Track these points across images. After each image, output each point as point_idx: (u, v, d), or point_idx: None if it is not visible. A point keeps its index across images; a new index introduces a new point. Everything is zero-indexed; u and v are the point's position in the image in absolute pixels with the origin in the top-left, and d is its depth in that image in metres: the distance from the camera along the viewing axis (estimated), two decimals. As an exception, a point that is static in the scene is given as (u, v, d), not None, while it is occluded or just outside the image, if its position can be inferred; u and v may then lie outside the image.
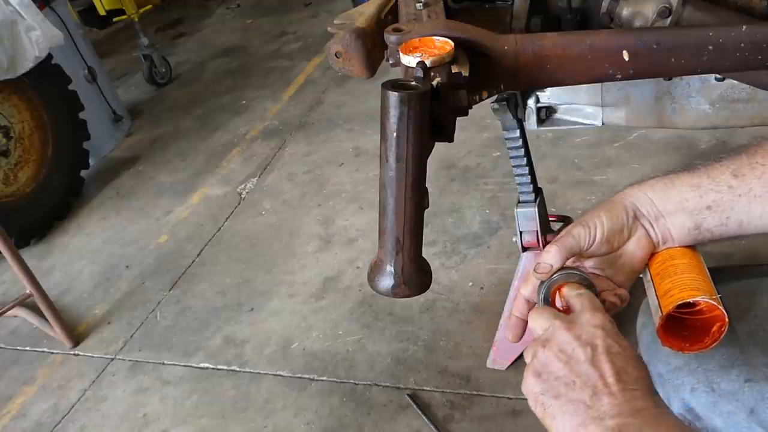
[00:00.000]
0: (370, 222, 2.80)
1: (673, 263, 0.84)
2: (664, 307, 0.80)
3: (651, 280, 0.85)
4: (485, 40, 0.95)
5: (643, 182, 0.88)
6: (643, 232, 0.87)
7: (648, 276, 0.87)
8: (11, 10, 3.05)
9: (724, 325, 0.79)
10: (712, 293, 0.79)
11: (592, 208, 0.89)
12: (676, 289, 0.80)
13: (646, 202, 0.86)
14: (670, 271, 0.83)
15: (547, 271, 0.85)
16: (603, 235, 0.85)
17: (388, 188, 0.84)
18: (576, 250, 0.86)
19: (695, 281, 0.81)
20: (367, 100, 3.79)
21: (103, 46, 5.93)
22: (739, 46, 0.89)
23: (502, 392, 1.90)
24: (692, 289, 0.79)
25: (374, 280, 0.91)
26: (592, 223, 0.86)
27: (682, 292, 0.79)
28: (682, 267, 0.83)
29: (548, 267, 0.85)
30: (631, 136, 2.79)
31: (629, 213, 0.86)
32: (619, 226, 0.86)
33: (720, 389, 0.85)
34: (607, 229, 0.85)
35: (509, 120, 1.62)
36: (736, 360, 0.86)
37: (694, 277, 0.81)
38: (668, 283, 0.82)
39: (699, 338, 0.81)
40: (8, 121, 3.33)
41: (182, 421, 2.16)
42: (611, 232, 0.86)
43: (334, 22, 1.04)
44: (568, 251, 0.85)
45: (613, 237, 0.86)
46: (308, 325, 2.38)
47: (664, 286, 0.82)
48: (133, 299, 2.79)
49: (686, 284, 0.80)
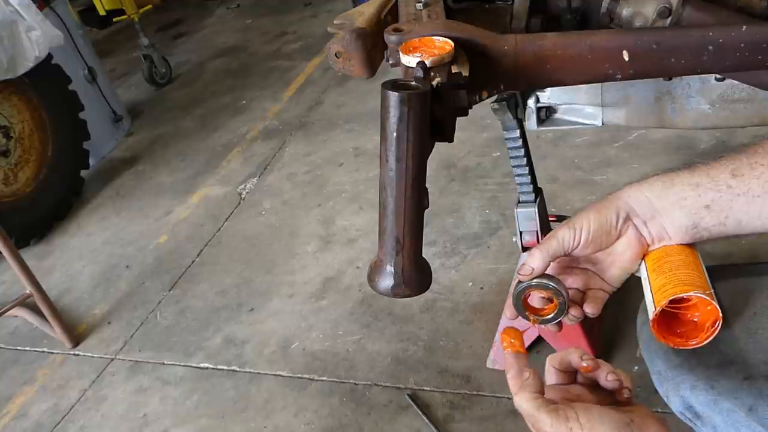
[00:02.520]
0: (370, 222, 2.80)
1: (669, 260, 0.85)
2: (657, 302, 0.80)
3: (647, 277, 0.86)
4: (485, 40, 0.95)
5: (643, 181, 0.88)
6: (635, 232, 0.88)
7: (644, 272, 0.88)
8: (11, 10, 3.05)
9: (717, 320, 0.80)
10: (706, 289, 0.80)
11: (586, 206, 0.90)
12: (669, 284, 0.81)
13: (642, 201, 0.87)
14: (665, 267, 0.84)
15: (529, 273, 0.87)
16: (588, 236, 0.87)
17: (388, 188, 0.84)
18: (560, 253, 0.88)
19: (689, 276, 0.81)
20: (367, 100, 3.80)
21: (103, 46, 5.94)
22: (739, 46, 0.89)
23: (502, 392, 1.90)
24: (685, 284, 0.80)
25: (374, 280, 0.91)
26: (578, 225, 0.87)
27: (675, 287, 0.80)
28: (677, 263, 0.84)
29: (530, 270, 0.87)
30: (631, 136, 2.79)
31: (620, 214, 0.87)
32: (607, 227, 0.87)
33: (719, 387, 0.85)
34: (594, 230, 0.87)
35: (509, 120, 1.62)
36: (736, 358, 0.86)
37: (689, 273, 0.82)
38: (663, 278, 0.82)
39: (694, 334, 0.82)
40: (8, 121, 3.33)
41: (182, 421, 2.16)
42: (598, 233, 0.87)
43: (334, 22, 1.04)
44: (552, 255, 0.87)
45: (600, 238, 0.87)
46: (308, 325, 2.38)
47: (658, 282, 0.83)
48: (133, 299, 2.80)
49: (680, 279, 0.81)
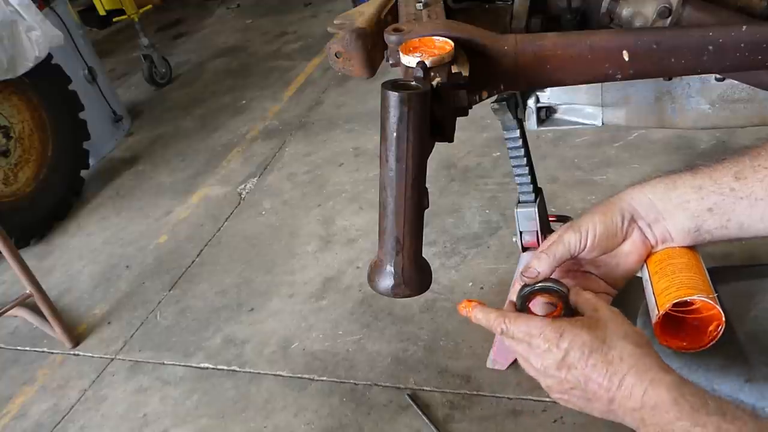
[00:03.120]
0: (370, 222, 2.80)
1: (671, 262, 0.84)
2: (660, 306, 0.80)
3: (649, 279, 0.85)
4: (485, 40, 0.95)
5: (645, 183, 0.88)
6: (639, 234, 0.87)
7: (646, 275, 0.87)
8: (11, 10, 3.05)
9: (720, 324, 0.79)
10: (709, 292, 0.79)
11: (590, 208, 0.89)
12: (672, 287, 0.80)
13: (645, 204, 0.86)
14: (668, 270, 0.83)
15: (534, 276, 0.87)
16: (594, 239, 0.86)
17: (388, 188, 0.84)
18: (566, 257, 0.87)
19: (692, 280, 0.81)
20: (367, 100, 3.79)
21: (103, 46, 5.93)
22: (739, 46, 0.89)
23: (502, 392, 1.90)
24: (689, 287, 0.79)
25: (374, 280, 0.91)
26: (584, 228, 0.87)
27: (678, 291, 0.79)
28: (680, 266, 0.83)
29: (536, 273, 0.87)
30: (631, 136, 2.79)
31: (625, 216, 0.87)
32: (613, 230, 0.87)
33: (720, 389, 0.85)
34: (600, 233, 0.86)
35: (509, 120, 1.62)
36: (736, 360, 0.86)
37: (691, 276, 0.81)
38: (665, 281, 0.82)
39: (696, 338, 0.81)
40: (8, 121, 3.33)
41: (182, 421, 2.16)
42: (604, 236, 0.86)
43: (334, 22, 1.04)
44: (558, 260, 0.87)
45: (606, 241, 0.87)
46: (308, 325, 2.38)
47: (661, 285, 0.82)
48: (133, 299, 2.79)
49: (683, 283, 0.80)
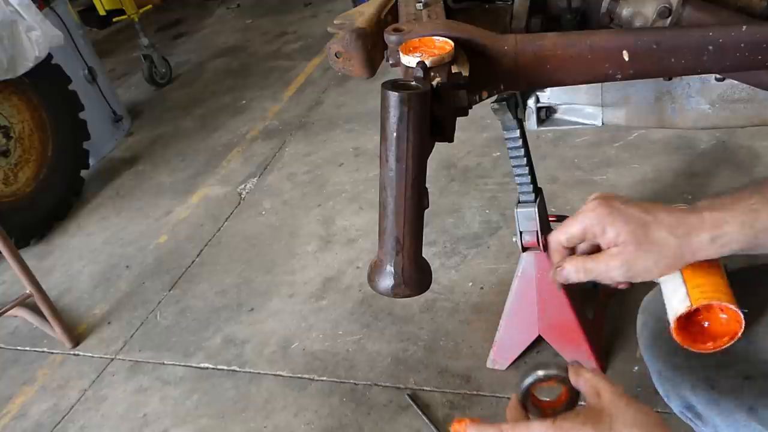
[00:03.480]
0: (370, 222, 2.80)
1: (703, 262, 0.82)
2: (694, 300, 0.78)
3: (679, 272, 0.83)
4: (485, 40, 0.95)
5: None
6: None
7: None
8: (11, 10, 3.05)
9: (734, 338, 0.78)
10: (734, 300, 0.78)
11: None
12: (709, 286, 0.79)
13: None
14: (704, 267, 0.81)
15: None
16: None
17: (388, 188, 0.84)
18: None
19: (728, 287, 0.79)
20: (367, 100, 3.79)
21: (103, 46, 5.94)
22: (739, 46, 0.89)
23: (502, 392, 1.90)
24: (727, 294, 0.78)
25: (374, 280, 0.91)
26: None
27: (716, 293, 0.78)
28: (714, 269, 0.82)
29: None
30: (631, 136, 2.79)
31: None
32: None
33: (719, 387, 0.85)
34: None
35: (509, 120, 1.62)
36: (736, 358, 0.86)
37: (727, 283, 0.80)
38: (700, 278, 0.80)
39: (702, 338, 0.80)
40: (8, 121, 3.33)
41: (182, 421, 2.16)
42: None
43: (334, 22, 1.04)
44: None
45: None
46: (308, 325, 2.38)
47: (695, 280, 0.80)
48: (133, 299, 2.80)
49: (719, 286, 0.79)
